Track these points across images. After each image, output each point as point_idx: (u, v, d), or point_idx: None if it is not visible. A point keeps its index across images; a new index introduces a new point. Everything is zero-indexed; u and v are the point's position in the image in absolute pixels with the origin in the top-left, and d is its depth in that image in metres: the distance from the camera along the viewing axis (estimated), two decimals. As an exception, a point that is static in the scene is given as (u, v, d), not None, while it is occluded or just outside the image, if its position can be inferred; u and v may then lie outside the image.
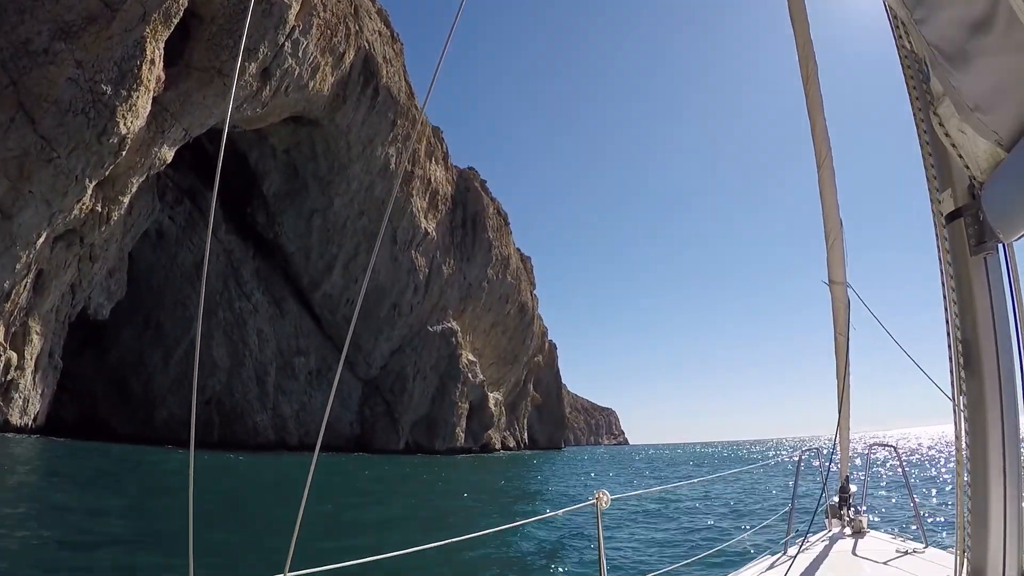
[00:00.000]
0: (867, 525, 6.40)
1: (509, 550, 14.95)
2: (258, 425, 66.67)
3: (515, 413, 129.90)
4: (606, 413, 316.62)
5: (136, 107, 39.60)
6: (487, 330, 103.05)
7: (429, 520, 21.56)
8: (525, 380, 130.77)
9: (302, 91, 53.49)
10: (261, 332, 68.13)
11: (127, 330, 61.53)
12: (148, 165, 44.39)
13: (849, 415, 5.90)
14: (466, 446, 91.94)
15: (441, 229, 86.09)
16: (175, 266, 63.07)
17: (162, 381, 62.16)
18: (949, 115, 2.17)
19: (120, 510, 18.54)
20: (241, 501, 23.72)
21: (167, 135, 44.52)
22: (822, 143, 4.90)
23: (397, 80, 68.29)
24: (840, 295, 5.36)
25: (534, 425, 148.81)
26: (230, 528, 16.38)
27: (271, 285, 71.11)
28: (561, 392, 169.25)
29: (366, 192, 69.47)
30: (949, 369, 2.56)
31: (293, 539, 2.12)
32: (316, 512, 18.79)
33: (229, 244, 67.43)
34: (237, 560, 12.65)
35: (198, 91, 45.08)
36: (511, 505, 26.75)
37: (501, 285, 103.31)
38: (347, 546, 14.30)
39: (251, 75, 47.10)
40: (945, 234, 2.49)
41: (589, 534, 15.99)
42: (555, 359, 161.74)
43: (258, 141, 62.89)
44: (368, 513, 22.30)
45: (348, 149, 64.69)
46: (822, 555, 5.38)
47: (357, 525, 19.47)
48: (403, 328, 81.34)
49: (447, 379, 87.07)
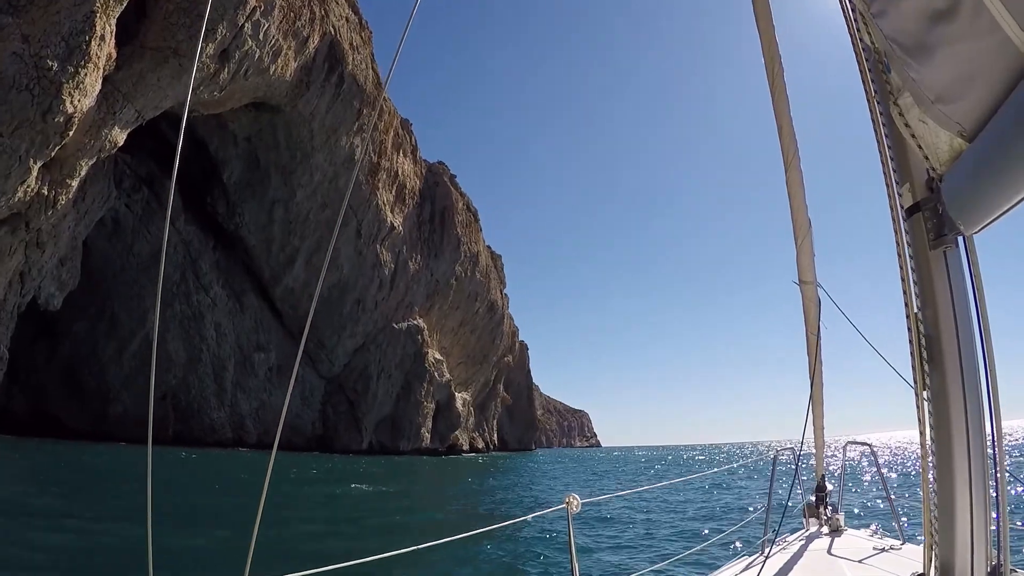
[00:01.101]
0: (844, 523, 6.44)
1: (478, 556, 14.50)
2: (215, 422, 65.29)
3: (484, 414, 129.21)
4: (579, 415, 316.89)
5: (84, 85, 38.23)
6: (455, 329, 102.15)
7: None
8: (495, 380, 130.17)
9: (263, 75, 52.24)
10: (219, 326, 66.74)
11: (80, 322, 60.00)
12: (98, 147, 43.01)
13: (823, 413, 6.13)
14: (432, 447, 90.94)
15: (408, 224, 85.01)
16: (131, 256, 61.57)
17: (116, 375, 60.68)
18: (909, 107, 2.20)
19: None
20: (194, 499, 23.07)
21: (118, 116, 43.18)
22: (789, 144, 4.98)
23: (364, 68, 67.10)
24: (811, 294, 5.49)
25: (504, 426, 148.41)
26: (186, 530, 15.87)
27: (231, 278, 69.69)
28: (532, 393, 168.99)
29: (330, 183, 68.25)
30: (911, 364, 2.59)
31: (252, 543, 2.06)
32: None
33: (188, 235, 65.95)
34: (192, 564, 12.41)
35: (152, 72, 43.80)
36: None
37: (470, 283, 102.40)
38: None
39: (208, 56, 45.83)
40: (905, 228, 2.54)
41: (560, 538, 16.20)
42: (526, 360, 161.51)
43: (218, 128, 61.53)
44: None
45: (311, 138, 63.41)
46: (798, 554, 5.44)
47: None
48: (367, 324, 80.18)
49: (412, 378, 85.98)
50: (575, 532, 3.80)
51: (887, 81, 2.30)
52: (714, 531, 17.06)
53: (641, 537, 17.35)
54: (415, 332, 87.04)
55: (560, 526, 16.91)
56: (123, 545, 12.91)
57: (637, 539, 17.02)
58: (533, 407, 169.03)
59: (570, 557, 3.74)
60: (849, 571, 4.80)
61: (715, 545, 10.86)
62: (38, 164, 38.82)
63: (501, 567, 13.78)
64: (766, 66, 4.71)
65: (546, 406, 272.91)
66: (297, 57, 55.89)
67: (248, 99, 55.45)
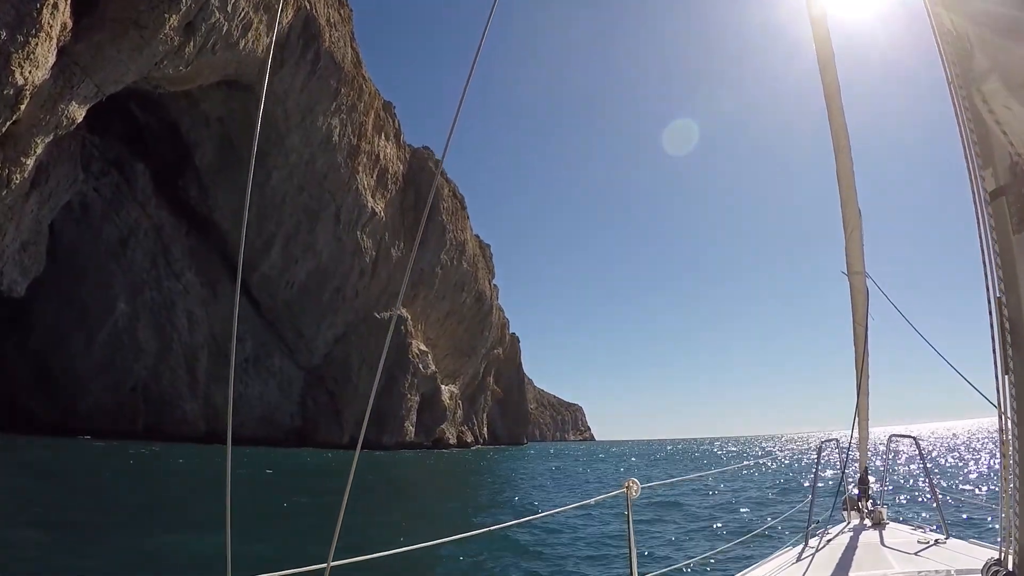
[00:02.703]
0: (887, 517, 6.40)
1: (535, 542, 15.40)
2: (188, 414, 64.08)
3: (473, 407, 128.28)
4: (573, 409, 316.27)
5: (35, 56, 36.83)
6: (441, 319, 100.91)
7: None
8: (484, 373, 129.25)
9: (232, 50, 50.77)
10: (191, 314, 65.43)
11: (49, 310, 58.66)
12: (55, 123, 41.62)
13: (868, 406, 6.32)
14: (416, 441, 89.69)
15: (391, 210, 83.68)
16: (100, 241, 60.37)
17: (85, 366, 59.51)
18: (994, 92, 2.17)
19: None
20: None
21: (76, 91, 41.79)
22: (840, 131, 4.98)
23: (342, 46, 65.68)
24: (859, 285, 5.60)
25: (496, 420, 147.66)
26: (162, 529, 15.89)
27: (205, 265, 68.29)
28: (524, 386, 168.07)
29: (306, 166, 66.90)
30: (992, 349, 2.52)
31: (337, 529, 2.21)
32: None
33: (159, 219, 64.64)
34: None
35: (111, 44, 42.38)
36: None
37: (456, 272, 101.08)
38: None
39: (172, 28, 44.30)
40: (988, 212, 2.49)
41: (612, 523, 17.42)
42: (518, 352, 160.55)
43: (190, 108, 60.13)
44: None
45: (285, 117, 61.99)
46: (844, 546, 5.40)
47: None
48: (348, 314, 78.89)
49: (396, 370, 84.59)
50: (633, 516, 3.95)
51: (971, 66, 2.23)
52: (758, 520, 17.65)
53: (689, 525, 17.86)
54: (398, 322, 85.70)
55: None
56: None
57: (684, 527, 17.50)
58: (525, 401, 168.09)
59: (628, 542, 3.84)
60: (897, 564, 4.74)
61: (758, 536, 11.13)
62: (-13, 140, 37.56)
63: (558, 552, 14.47)
64: (817, 51, 4.75)
65: (540, 400, 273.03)
66: (269, 32, 54.42)
67: (218, 76, 54.05)
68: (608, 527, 17.24)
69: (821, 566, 4.79)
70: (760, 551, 8.67)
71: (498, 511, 23.94)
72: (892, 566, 4.70)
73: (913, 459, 44.45)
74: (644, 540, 15.25)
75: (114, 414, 59.39)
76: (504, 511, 23.72)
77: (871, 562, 4.89)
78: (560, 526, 17.19)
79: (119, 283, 60.59)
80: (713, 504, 23.09)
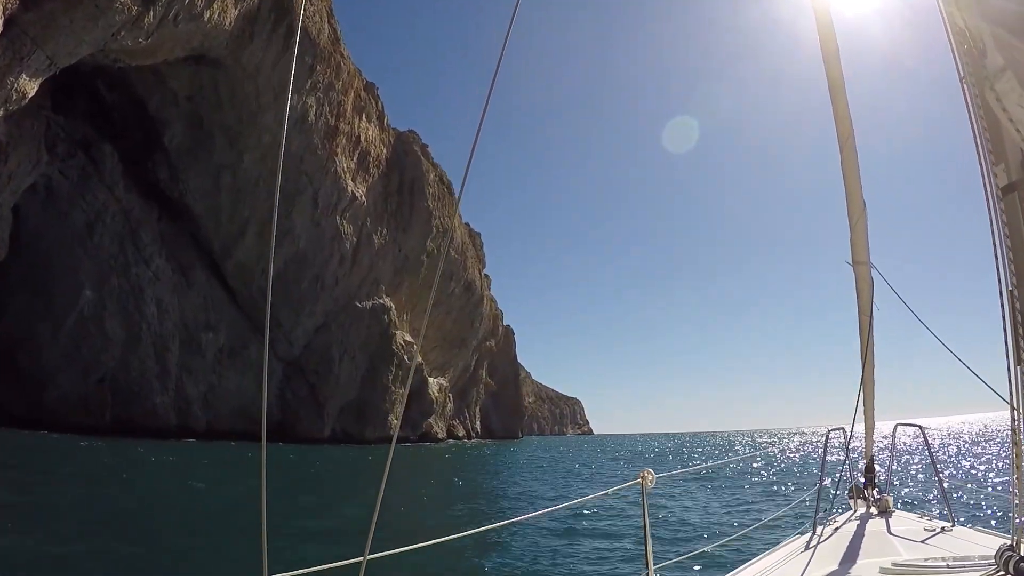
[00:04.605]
0: (892, 505, 6.50)
1: (550, 533, 15.88)
2: (158, 407, 62.69)
3: (464, 400, 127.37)
4: (571, 403, 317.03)
5: (-23, 24, 35.57)
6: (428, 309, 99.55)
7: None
8: (476, 365, 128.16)
9: (196, 22, 49.29)
10: (161, 302, 63.97)
11: (15, 298, 57.35)
12: (3, 98, 40.22)
13: (873, 395, 6.34)
14: (403, 435, 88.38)
15: (373, 195, 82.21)
16: (66, 226, 58.91)
17: (51, 356, 58.15)
18: (1008, 89, 2.27)
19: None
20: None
21: (27, 63, 40.39)
22: (844, 122, 5.19)
23: (318, 21, 64.19)
24: (864, 275, 5.78)
25: (490, 414, 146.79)
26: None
27: (176, 251, 66.86)
28: (519, 380, 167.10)
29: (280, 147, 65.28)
30: (1004, 341, 2.60)
31: (372, 523, 2.24)
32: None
33: (128, 203, 63.13)
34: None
35: (64, 13, 40.97)
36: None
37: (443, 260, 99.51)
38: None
39: (129, -3, 42.93)
40: (1000, 207, 2.59)
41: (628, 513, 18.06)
42: (512, 345, 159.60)
43: (158, 85, 58.66)
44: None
45: (257, 96, 60.48)
46: (851, 534, 5.46)
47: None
48: (327, 302, 77.50)
49: (378, 360, 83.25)
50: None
51: (984, 65, 2.33)
52: (766, 509, 18.44)
53: (698, 515, 18.48)
54: (381, 311, 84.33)
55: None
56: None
57: (693, 517, 18.02)
58: (520, 394, 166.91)
59: (644, 532, 4.01)
60: (905, 551, 4.79)
61: (766, 526, 11.54)
62: (-70, 114, 36.28)
63: (574, 543, 14.91)
64: (821, 43, 4.88)
65: (538, 393, 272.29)
66: (237, 4, 53.00)
67: (184, 50, 52.62)
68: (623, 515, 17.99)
69: (829, 554, 4.84)
70: (769, 540, 8.81)
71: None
72: (900, 553, 4.71)
73: (917, 449, 44.76)
74: (656, 530, 15.32)
75: (81, 407, 58.05)
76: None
77: (879, 549, 4.94)
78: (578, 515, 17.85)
79: (86, 269, 59.17)
80: (722, 494, 23.52)
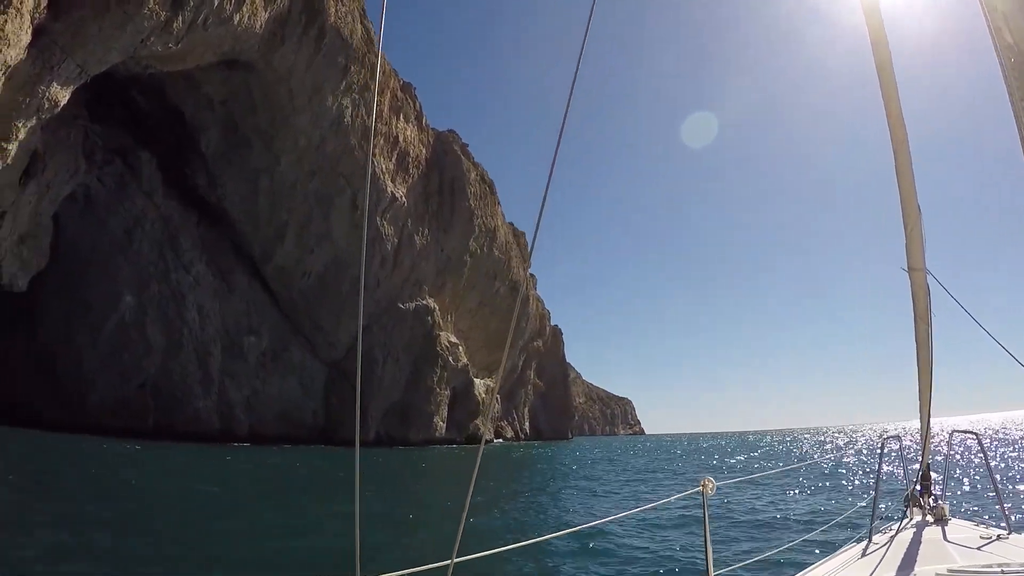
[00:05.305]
0: (949, 513, 6.40)
1: (611, 541, 15.54)
2: (200, 412, 62.98)
3: (512, 401, 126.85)
4: (622, 403, 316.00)
5: (5, 33, 35.61)
6: (473, 310, 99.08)
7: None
8: (524, 366, 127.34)
9: (226, 26, 49.23)
10: (202, 308, 64.31)
11: (55, 305, 58.15)
12: (36, 107, 40.52)
13: (930, 402, 6.40)
14: (448, 437, 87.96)
15: (413, 195, 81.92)
16: (104, 233, 59.56)
17: (91, 362, 58.73)
18: None
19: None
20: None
21: (57, 72, 40.61)
22: (898, 127, 5.09)
23: (350, 22, 63.89)
24: (920, 282, 5.71)
25: (538, 415, 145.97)
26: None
27: (216, 255, 67.20)
28: (567, 380, 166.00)
29: (316, 149, 65.29)
30: None
31: (460, 526, 2.44)
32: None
33: (167, 209, 63.62)
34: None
35: (93, 21, 41.09)
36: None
37: (487, 260, 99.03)
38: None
39: (157, 3, 42.94)
40: None
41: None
42: (560, 345, 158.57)
43: (192, 91, 58.93)
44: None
45: (291, 98, 60.38)
46: (906, 543, 5.49)
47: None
48: (369, 304, 77.23)
49: (422, 362, 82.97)
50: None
51: None
52: (820, 518, 18.00)
53: (754, 521, 18.30)
54: (424, 313, 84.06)
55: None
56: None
57: (749, 524, 17.87)
58: (569, 394, 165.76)
59: (704, 540, 4.03)
60: (960, 559, 4.75)
61: (823, 533, 11.48)
62: (-38, 125, 36.60)
63: (637, 551, 14.60)
64: (873, 50, 4.85)
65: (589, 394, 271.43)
66: (267, 7, 52.90)
67: (215, 55, 52.68)
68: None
69: (884, 562, 4.85)
70: (826, 547, 8.92)
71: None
72: (955, 560, 4.69)
73: (973, 455, 43.07)
74: (715, 535, 15.18)
75: (122, 412, 58.60)
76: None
77: (933, 557, 4.95)
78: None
79: (125, 276, 59.71)
80: (779, 499, 23.50)
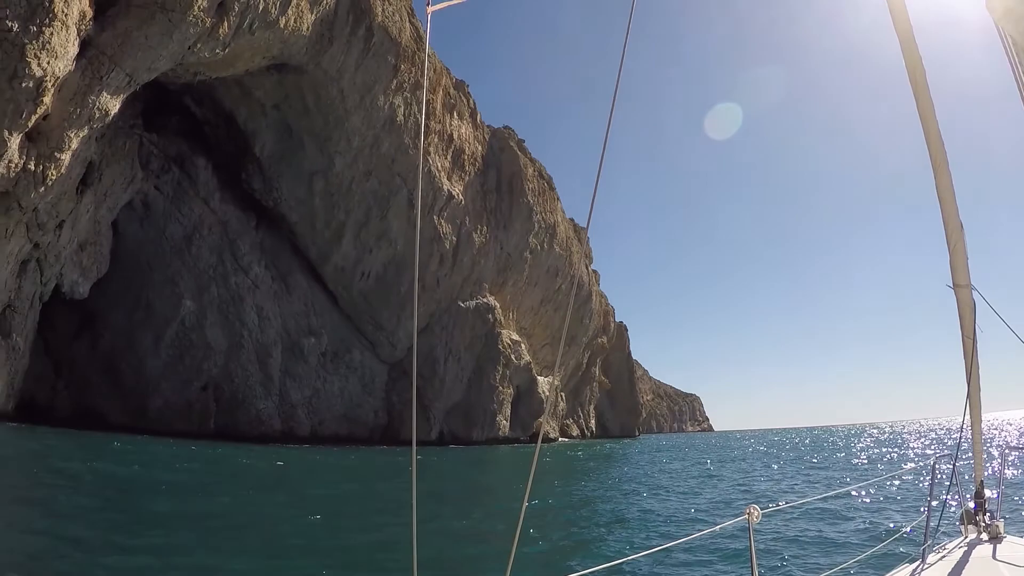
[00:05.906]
0: (1004, 530, 6.40)
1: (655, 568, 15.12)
2: (262, 413, 63.63)
3: (578, 399, 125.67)
4: (690, 399, 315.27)
5: (52, 45, 36.32)
6: (535, 307, 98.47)
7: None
8: (588, 363, 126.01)
9: (272, 29, 49.50)
10: (261, 310, 64.97)
11: (117, 311, 59.38)
12: (87, 116, 41.27)
13: (980, 418, 6.39)
14: (512, 435, 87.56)
15: (470, 192, 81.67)
16: (164, 240, 60.65)
17: (154, 366, 59.81)
18: None
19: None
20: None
21: (106, 81, 41.27)
22: (937, 146, 5.08)
23: (398, 20, 63.80)
24: (965, 298, 5.66)
25: (605, 412, 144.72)
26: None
27: (275, 258, 67.90)
28: (634, 377, 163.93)
29: (371, 149, 65.42)
30: None
31: (510, 560, 2.48)
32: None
33: (224, 214, 64.52)
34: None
35: (138, 30, 41.65)
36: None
37: (548, 256, 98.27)
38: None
39: (202, 9, 43.24)
40: None
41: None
42: (626, 342, 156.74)
43: (244, 97, 59.57)
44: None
45: (343, 99, 60.54)
46: (960, 561, 5.48)
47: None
48: (429, 304, 77.30)
49: (484, 361, 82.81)
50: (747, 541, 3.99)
51: None
52: (874, 537, 17.59)
53: (804, 539, 17.59)
54: (485, 311, 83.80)
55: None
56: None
57: (799, 542, 17.18)
58: (635, 391, 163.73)
59: (751, 566, 3.95)
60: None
61: (876, 553, 11.30)
62: (16, 136, 37.36)
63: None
64: (907, 69, 4.79)
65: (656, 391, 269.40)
66: (313, 8, 53.04)
67: (264, 59, 53.07)
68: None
69: None
70: (881, 566, 8.79)
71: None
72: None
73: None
74: (761, 557, 14.69)
75: (185, 414, 59.57)
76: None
77: (984, 575, 4.92)
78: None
79: (185, 281, 60.69)
80: (831, 517, 22.31)
